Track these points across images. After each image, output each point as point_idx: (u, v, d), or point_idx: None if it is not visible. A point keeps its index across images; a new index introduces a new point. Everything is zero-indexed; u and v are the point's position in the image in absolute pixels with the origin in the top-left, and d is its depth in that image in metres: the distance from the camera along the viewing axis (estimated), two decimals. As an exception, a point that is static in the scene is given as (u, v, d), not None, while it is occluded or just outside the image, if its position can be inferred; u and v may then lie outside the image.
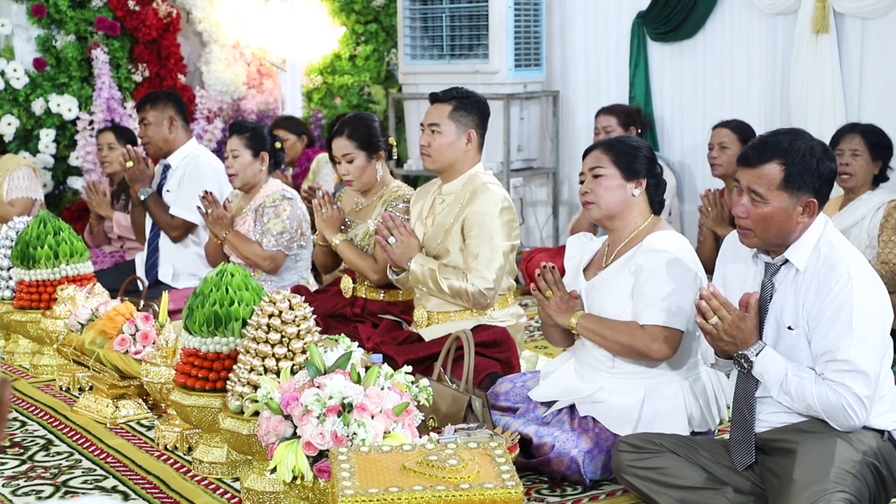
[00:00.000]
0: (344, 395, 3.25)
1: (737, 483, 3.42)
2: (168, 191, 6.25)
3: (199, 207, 5.69)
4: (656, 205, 3.92)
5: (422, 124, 4.73)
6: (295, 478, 3.26)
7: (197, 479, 3.91)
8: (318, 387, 3.29)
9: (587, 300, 3.90)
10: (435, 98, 4.73)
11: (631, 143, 3.92)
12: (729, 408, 3.63)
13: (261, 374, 3.57)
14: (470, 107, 4.66)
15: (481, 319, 4.61)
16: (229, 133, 5.71)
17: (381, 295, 5.10)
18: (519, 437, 3.74)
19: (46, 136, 7.73)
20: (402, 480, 2.92)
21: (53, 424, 4.53)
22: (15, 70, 7.66)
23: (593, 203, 3.87)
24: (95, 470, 4.02)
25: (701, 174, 7.06)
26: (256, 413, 3.48)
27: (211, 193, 5.63)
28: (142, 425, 4.50)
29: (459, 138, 4.64)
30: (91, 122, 7.65)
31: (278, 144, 5.80)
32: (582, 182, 3.94)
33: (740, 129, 6.15)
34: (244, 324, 3.79)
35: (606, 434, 3.77)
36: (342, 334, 3.85)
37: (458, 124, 4.64)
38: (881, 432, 3.26)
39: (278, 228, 5.56)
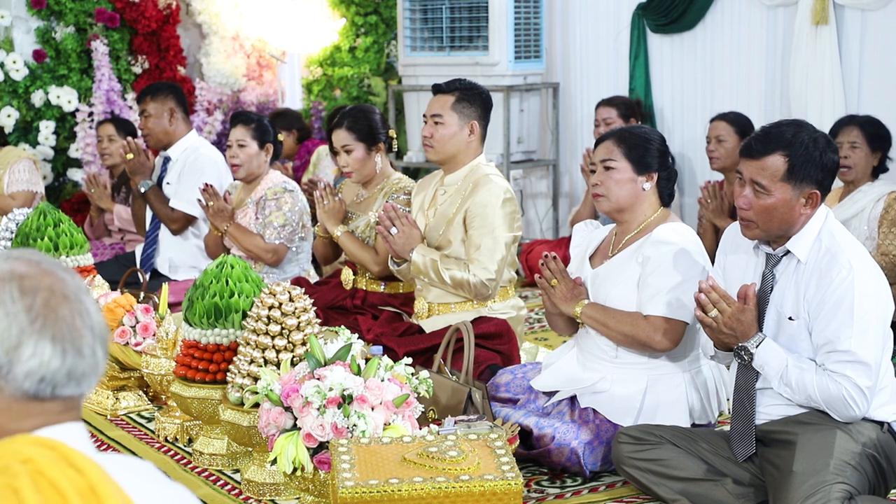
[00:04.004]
0: (344, 386, 3.25)
1: (737, 475, 3.42)
2: (168, 183, 6.25)
3: (199, 200, 5.69)
4: (666, 197, 3.91)
5: (424, 115, 4.73)
6: (295, 469, 3.27)
7: (197, 470, 3.91)
8: (318, 378, 3.30)
9: (593, 289, 3.89)
10: (438, 89, 4.73)
11: (644, 134, 3.87)
12: (729, 400, 3.63)
13: (261, 366, 3.58)
14: (473, 98, 4.67)
15: (482, 311, 4.61)
16: (233, 123, 5.69)
17: (382, 287, 5.11)
18: (519, 428, 3.75)
19: (46, 128, 7.73)
20: (403, 472, 2.93)
21: (54, 416, 4.53)
22: (14, 62, 7.65)
23: (603, 196, 3.86)
24: (96, 461, 4.02)
25: (701, 166, 7.06)
26: (257, 405, 3.48)
27: (211, 186, 5.63)
28: (142, 417, 4.50)
29: (462, 129, 4.64)
30: (91, 114, 7.65)
31: (281, 137, 5.81)
32: (593, 172, 3.92)
33: (737, 122, 6.16)
34: (244, 315, 3.79)
35: (607, 425, 3.77)
36: (342, 326, 3.85)
37: (460, 116, 4.64)
38: (881, 424, 3.27)
39: (280, 221, 5.56)
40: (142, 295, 4.94)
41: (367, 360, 3.41)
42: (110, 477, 1.42)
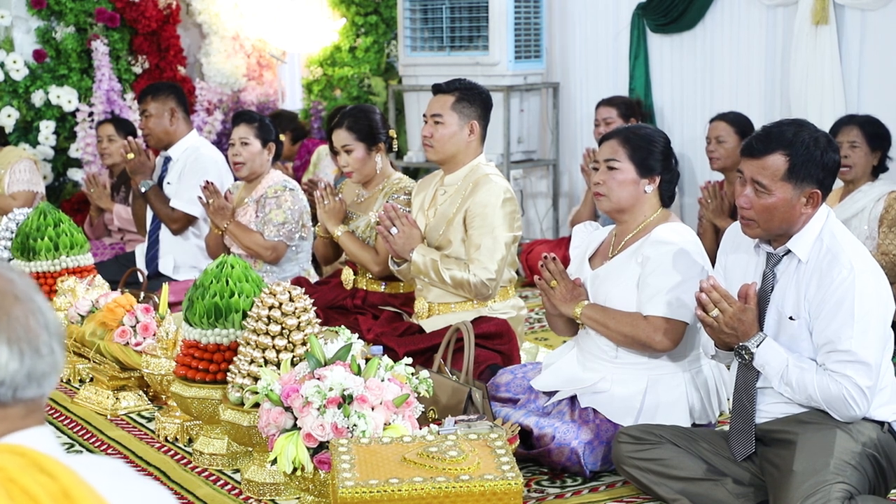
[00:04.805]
0: (344, 386, 3.26)
1: (736, 474, 3.42)
2: (169, 183, 6.25)
3: (200, 198, 5.69)
4: (667, 198, 3.90)
5: (424, 115, 4.74)
6: (295, 469, 3.27)
7: (197, 470, 3.91)
8: (318, 378, 3.30)
9: (593, 289, 3.89)
10: (438, 89, 4.73)
11: (649, 136, 3.84)
12: (729, 400, 3.63)
13: (261, 366, 3.58)
14: (473, 98, 4.67)
15: (482, 311, 4.61)
16: (236, 121, 5.70)
17: (382, 287, 5.11)
18: (519, 428, 3.75)
19: (46, 128, 7.73)
20: (403, 472, 2.93)
21: (54, 416, 4.53)
22: (15, 62, 7.66)
23: (605, 195, 3.85)
24: (96, 461, 4.02)
25: (701, 166, 7.06)
26: (257, 405, 3.48)
27: (212, 183, 5.63)
28: (142, 417, 4.50)
29: (462, 129, 4.64)
30: (91, 114, 7.65)
31: (282, 137, 5.81)
32: (595, 170, 3.91)
33: (737, 122, 6.15)
34: (244, 315, 3.79)
35: (607, 425, 3.77)
36: (342, 326, 3.85)
37: (460, 115, 4.64)
38: (881, 423, 3.27)
39: (280, 219, 5.57)
40: (142, 295, 4.95)
41: (367, 360, 3.41)
42: (83, 480, 1.41)
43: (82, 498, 1.39)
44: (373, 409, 3.26)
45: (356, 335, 3.59)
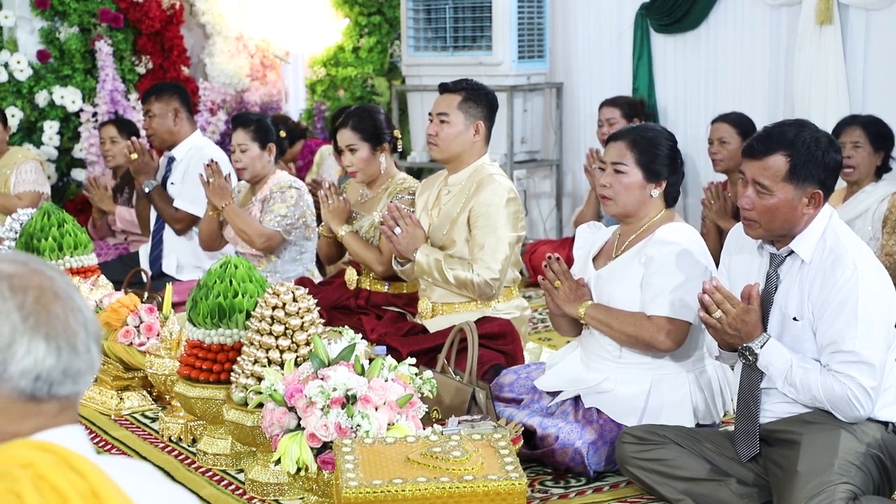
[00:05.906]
0: (348, 386, 3.26)
1: (740, 475, 3.42)
2: (172, 183, 6.25)
3: (200, 175, 5.65)
4: (671, 199, 3.90)
5: (430, 114, 4.74)
6: (299, 469, 3.27)
7: (201, 470, 3.92)
8: (321, 378, 3.30)
9: (596, 290, 3.89)
10: (444, 88, 4.73)
11: (657, 140, 3.81)
12: (734, 400, 3.63)
13: (265, 366, 3.58)
14: (479, 98, 4.67)
15: (485, 311, 4.61)
16: (233, 127, 5.70)
17: (386, 287, 5.11)
18: (523, 428, 3.75)
19: (50, 129, 7.74)
20: (406, 472, 2.93)
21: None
22: (18, 62, 7.66)
23: (611, 199, 3.84)
24: (100, 461, 4.03)
25: (704, 167, 7.05)
26: (260, 405, 3.48)
27: (216, 163, 5.60)
28: (146, 417, 4.50)
29: (467, 129, 4.64)
30: (95, 114, 7.66)
31: (283, 133, 5.81)
32: (601, 170, 3.89)
33: (739, 123, 6.14)
34: (248, 316, 3.79)
35: (610, 425, 3.77)
36: (346, 326, 3.86)
37: (466, 115, 4.64)
38: (885, 424, 3.27)
39: (283, 211, 5.56)
40: (145, 295, 4.95)
41: (370, 360, 3.41)
42: (112, 480, 1.43)
43: (111, 498, 1.40)
44: (376, 409, 3.26)
45: (360, 335, 3.59)
